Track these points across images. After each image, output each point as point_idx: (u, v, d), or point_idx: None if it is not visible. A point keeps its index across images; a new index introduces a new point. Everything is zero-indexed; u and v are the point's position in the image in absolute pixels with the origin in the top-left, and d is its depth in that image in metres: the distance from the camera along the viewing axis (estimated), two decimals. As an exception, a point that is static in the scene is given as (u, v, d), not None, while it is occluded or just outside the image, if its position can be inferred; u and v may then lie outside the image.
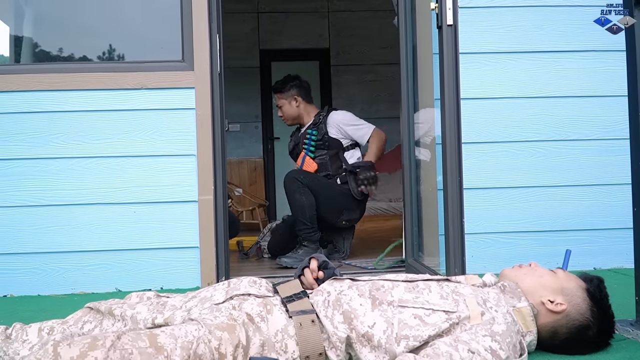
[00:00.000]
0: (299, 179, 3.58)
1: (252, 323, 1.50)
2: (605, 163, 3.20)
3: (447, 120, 2.30)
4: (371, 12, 6.95)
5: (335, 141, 3.79)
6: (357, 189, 3.68)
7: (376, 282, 1.62)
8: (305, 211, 3.54)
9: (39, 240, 3.00)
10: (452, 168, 2.29)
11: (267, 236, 4.08)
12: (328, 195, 3.61)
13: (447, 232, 2.31)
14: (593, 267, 3.16)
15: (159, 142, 3.05)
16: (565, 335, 1.64)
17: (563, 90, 3.20)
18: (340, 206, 3.68)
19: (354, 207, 3.75)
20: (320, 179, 3.69)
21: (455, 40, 2.31)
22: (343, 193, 3.69)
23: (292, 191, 3.58)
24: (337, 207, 3.67)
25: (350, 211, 3.74)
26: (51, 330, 1.63)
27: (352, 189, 3.69)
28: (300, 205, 3.55)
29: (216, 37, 3.02)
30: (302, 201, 3.54)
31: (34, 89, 3.02)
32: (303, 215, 3.55)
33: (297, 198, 3.56)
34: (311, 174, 3.71)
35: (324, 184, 3.67)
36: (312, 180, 3.62)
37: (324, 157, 3.78)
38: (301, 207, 3.55)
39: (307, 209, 3.54)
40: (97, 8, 3.31)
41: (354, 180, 3.70)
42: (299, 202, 3.56)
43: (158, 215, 3.03)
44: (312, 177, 3.66)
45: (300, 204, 3.55)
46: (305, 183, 3.57)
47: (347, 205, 3.71)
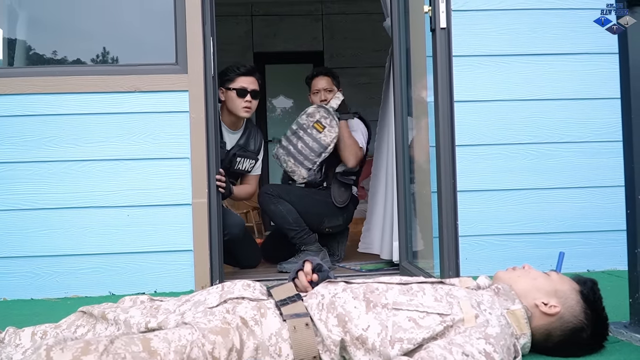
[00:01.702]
0: (269, 192, 3.51)
1: (246, 327, 1.50)
2: (598, 165, 3.21)
3: (441, 123, 2.30)
4: (365, 15, 6.96)
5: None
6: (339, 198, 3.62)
7: (370, 284, 1.62)
8: (286, 218, 3.48)
9: (32, 244, 2.98)
10: (446, 171, 2.29)
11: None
12: (305, 205, 3.54)
13: (441, 235, 2.31)
14: (586, 269, 3.17)
15: (153, 145, 3.04)
16: (559, 338, 1.64)
17: (556, 93, 3.22)
18: (320, 214, 3.61)
19: (337, 214, 3.67)
20: (292, 190, 3.61)
21: (448, 43, 2.31)
22: (321, 201, 3.61)
23: (266, 205, 3.51)
24: (316, 216, 3.59)
25: (332, 218, 3.66)
26: (44, 334, 1.63)
27: (333, 196, 3.63)
28: (279, 215, 3.49)
29: (210, 40, 3.02)
30: (279, 210, 3.48)
31: (27, 92, 3.01)
32: (287, 222, 3.48)
33: (272, 209, 3.49)
34: (282, 186, 3.67)
35: (297, 194, 3.57)
36: (284, 192, 3.55)
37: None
38: (281, 216, 3.48)
39: (287, 215, 3.47)
40: (91, 11, 3.30)
41: (338, 187, 3.65)
42: (276, 212, 3.49)
43: (152, 218, 3.03)
44: (284, 189, 3.60)
45: (279, 214, 3.49)
46: (275, 194, 3.51)
47: (328, 213, 3.63)
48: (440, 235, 2.31)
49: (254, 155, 3.61)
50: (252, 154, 3.59)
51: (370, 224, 3.67)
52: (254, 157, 3.61)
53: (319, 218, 3.62)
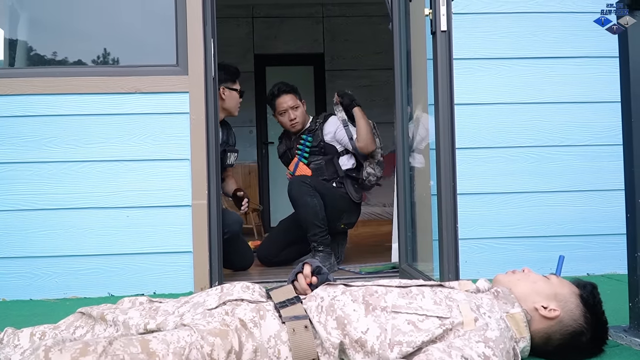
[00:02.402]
0: (307, 182, 3.51)
1: (245, 329, 1.49)
2: (598, 169, 3.21)
3: (441, 125, 2.30)
4: (366, 18, 6.97)
5: (330, 147, 3.78)
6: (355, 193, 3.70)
7: (370, 287, 1.62)
8: (318, 213, 3.46)
9: (31, 244, 2.98)
10: (446, 173, 2.29)
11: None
12: (331, 198, 3.59)
13: (440, 238, 2.30)
14: (586, 272, 3.16)
15: (153, 146, 3.04)
16: (558, 341, 1.64)
17: (557, 96, 3.22)
18: (341, 209, 3.67)
19: (353, 210, 3.76)
20: (323, 183, 3.67)
21: (449, 46, 2.31)
22: (343, 196, 3.69)
23: (302, 194, 3.48)
24: (338, 210, 3.64)
25: (350, 214, 3.74)
26: (43, 335, 1.62)
27: (349, 192, 3.70)
28: (312, 208, 3.46)
29: (210, 41, 3.02)
30: (314, 203, 3.47)
31: (27, 93, 3.01)
32: (316, 217, 3.46)
33: (308, 201, 3.47)
34: (314, 178, 3.68)
35: (327, 187, 3.65)
36: (318, 184, 3.59)
37: (320, 162, 3.77)
38: (314, 210, 3.46)
39: (319, 211, 3.47)
40: (91, 12, 3.30)
41: (351, 184, 3.72)
42: (311, 205, 3.47)
43: (151, 219, 3.02)
44: (317, 181, 3.63)
45: (312, 207, 3.47)
46: (313, 186, 3.51)
47: (347, 208, 3.71)
48: (440, 238, 2.31)
49: (234, 148, 3.77)
50: (233, 148, 3.75)
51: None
52: (236, 150, 3.76)
53: (340, 213, 3.67)
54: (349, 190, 3.71)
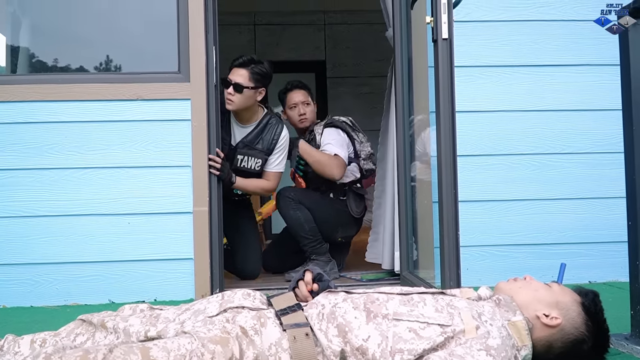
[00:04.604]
0: (290, 197, 3.48)
1: (246, 336, 1.49)
2: (599, 176, 3.21)
3: (443, 133, 2.30)
4: (367, 25, 6.97)
5: None
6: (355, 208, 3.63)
7: (371, 294, 1.62)
8: (304, 226, 3.45)
9: (32, 251, 2.98)
10: (447, 181, 2.29)
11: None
12: (322, 212, 3.53)
13: (442, 245, 2.30)
14: (588, 280, 3.16)
15: (155, 153, 3.04)
16: (560, 350, 1.63)
17: (558, 104, 3.22)
18: (336, 223, 3.60)
19: (351, 224, 3.68)
20: (312, 195, 3.59)
21: (450, 54, 2.31)
22: (339, 210, 3.61)
23: (285, 209, 3.48)
24: (332, 224, 3.58)
25: (347, 227, 3.66)
26: (43, 342, 1.62)
27: (349, 206, 3.62)
28: (296, 221, 3.46)
29: (212, 49, 3.03)
30: (298, 216, 3.46)
31: (29, 100, 3.02)
32: (303, 230, 3.46)
33: (291, 215, 3.46)
34: (303, 190, 3.64)
35: (317, 200, 3.57)
36: (305, 197, 3.53)
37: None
38: (298, 223, 3.46)
39: (305, 224, 3.45)
40: (94, 19, 3.31)
41: (353, 198, 3.65)
42: (294, 218, 3.46)
43: (152, 226, 3.02)
44: (304, 194, 3.58)
45: (296, 220, 3.46)
46: (297, 199, 3.48)
47: (343, 222, 3.63)
48: (441, 246, 2.31)
49: (261, 154, 3.46)
50: (258, 153, 3.45)
51: (378, 233, 3.65)
52: (261, 157, 3.45)
53: (334, 227, 3.61)
54: (350, 204, 3.63)
